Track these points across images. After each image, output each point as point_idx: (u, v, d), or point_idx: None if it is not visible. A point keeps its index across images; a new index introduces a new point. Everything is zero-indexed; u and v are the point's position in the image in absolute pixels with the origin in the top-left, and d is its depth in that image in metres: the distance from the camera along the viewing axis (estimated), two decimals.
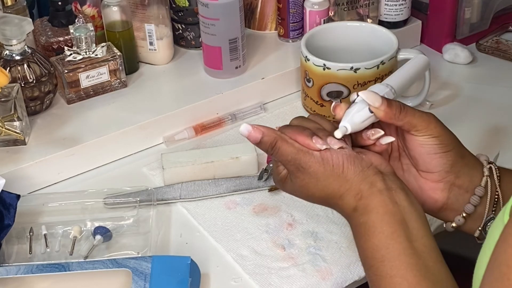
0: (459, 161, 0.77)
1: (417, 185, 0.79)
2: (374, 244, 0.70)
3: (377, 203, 0.70)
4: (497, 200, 0.77)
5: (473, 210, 0.77)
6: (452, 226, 0.79)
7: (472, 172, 0.77)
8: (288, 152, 0.73)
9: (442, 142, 0.76)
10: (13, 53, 1.02)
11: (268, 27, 1.26)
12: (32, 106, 1.05)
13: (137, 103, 1.09)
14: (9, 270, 0.79)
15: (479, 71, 1.22)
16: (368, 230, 0.70)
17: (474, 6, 1.23)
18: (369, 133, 0.76)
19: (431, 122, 0.75)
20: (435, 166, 0.77)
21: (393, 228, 0.69)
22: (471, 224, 0.78)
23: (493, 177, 0.77)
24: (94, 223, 0.92)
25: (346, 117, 0.75)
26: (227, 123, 1.11)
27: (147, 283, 0.77)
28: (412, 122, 0.75)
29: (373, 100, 0.74)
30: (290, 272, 0.86)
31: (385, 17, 1.23)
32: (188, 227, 0.93)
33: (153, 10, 1.13)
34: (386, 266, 0.68)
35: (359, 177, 0.72)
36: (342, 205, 0.73)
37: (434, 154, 0.76)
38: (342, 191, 0.72)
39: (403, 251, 0.68)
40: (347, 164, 0.72)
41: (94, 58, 1.07)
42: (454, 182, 0.77)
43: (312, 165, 0.73)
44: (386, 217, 0.70)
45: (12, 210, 0.88)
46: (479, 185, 0.77)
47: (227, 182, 0.99)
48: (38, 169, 0.98)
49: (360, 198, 0.71)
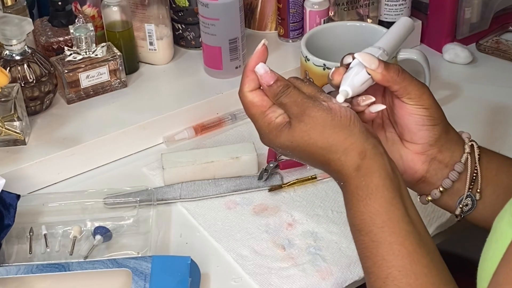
0: (444, 136, 0.77)
1: (398, 154, 0.78)
2: (374, 208, 0.68)
3: (380, 166, 0.69)
4: (475, 177, 0.77)
5: (450, 185, 0.78)
6: (427, 199, 0.80)
7: (454, 148, 0.78)
8: (299, 94, 0.71)
9: (431, 115, 0.76)
10: (13, 53, 1.02)
11: (268, 27, 1.26)
12: (32, 106, 1.05)
13: (137, 103, 1.09)
14: (9, 270, 0.79)
15: (479, 71, 1.22)
16: (370, 193, 0.69)
17: (474, 6, 1.23)
18: (359, 99, 0.74)
19: (424, 92, 0.75)
20: (421, 137, 0.77)
21: (393, 194, 0.69)
22: (446, 199, 0.79)
23: (473, 155, 0.78)
24: (94, 223, 0.92)
25: (345, 81, 0.73)
26: (227, 123, 1.11)
27: (147, 283, 0.77)
28: (408, 88, 0.74)
29: (369, 61, 0.73)
30: (290, 272, 0.86)
31: (385, 17, 1.23)
32: (188, 227, 0.93)
33: (153, 10, 1.13)
34: (386, 232, 0.67)
35: (363, 135, 0.70)
36: (345, 162, 0.70)
37: (422, 125, 0.76)
38: (347, 144, 0.70)
39: (402, 218, 0.68)
40: (354, 119, 0.71)
41: (94, 58, 1.07)
42: (436, 156, 0.77)
43: (321, 112, 0.70)
44: (388, 181, 0.69)
45: (12, 210, 0.88)
46: (459, 161, 0.77)
47: (227, 182, 0.99)
48: (38, 169, 0.98)
49: (364, 157, 0.69)
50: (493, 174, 0.78)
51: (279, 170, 1.01)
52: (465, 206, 0.78)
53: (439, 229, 0.92)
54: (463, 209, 0.79)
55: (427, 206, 0.94)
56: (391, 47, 0.80)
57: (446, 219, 0.93)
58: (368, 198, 0.69)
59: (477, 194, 0.78)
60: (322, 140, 0.70)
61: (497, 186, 0.78)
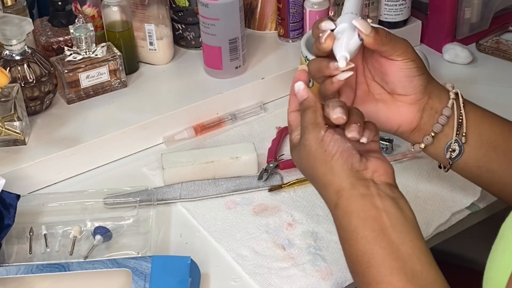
0: (430, 83, 0.82)
1: (394, 109, 0.82)
2: (357, 249, 0.70)
3: (357, 206, 0.71)
4: (461, 121, 0.82)
5: (440, 129, 0.82)
6: (420, 147, 0.84)
7: (441, 94, 0.83)
8: (307, 119, 0.75)
9: (417, 65, 0.80)
10: (13, 53, 1.02)
11: (268, 27, 1.26)
12: (32, 106, 1.05)
13: (137, 103, 1.09)
14: (9, 270, 0.79)
15: (479, 71, 1.22)
16: (350, 235, 0.70)
17: (474, 6, 1.23)
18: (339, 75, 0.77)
19: (408, 46, 0.80)
20: (413, 88, 0.81)
21: (376, 233, 0.69)
22: (436, 145, 0.83)
23: (458, 101, 0.82)
24: (94, 223, 0.92)
25: (341, 47, 0.76)
26: (227, 123, 1.11)
27: (147, 283, 0.77)
28: (395, 46, 0.79)
29: (365, 27, 0.76)
30: (290, 272, 0.86)
31: (385, 17, 1.23)
32: (188, 227, 0.93)
33: (153, 10, 1.13)
34: (372, 272, 0.68)
35: (344, 174, 0.72)
36: (326, 196, 0.74)
37: (412, 76, 0.80)
38: (325, 180, 0.73)
39: (388, 256, 0.68)
40: (338, 156, 0.72)
41: (94, 58, 1.07)
42: (427, 102, 0.82)
43: (310, 141, 0.73)
44: (368, 222, 0.70)
45: (12, 210, 0.88)
46: (446, 106, 0.82)
47: (227, 182, 0.99)
48: (38, 169, 0.98)
49: (340, 196, 0.71)
50: (476, 123, 0.82)
51: (279, 170, 1.01)
52: (452, 151, 0.83)
53: (439, 229, 0.92)
54: (451, 154, 0.83)
55: (428, 206, 0.94)
56: (360, 10, 0.82)
57: (446, 219, 0.93)
58: (350, 239, 0.71)
59: (463, 138, 0.82)
60: (309, 168, 0.75)
61: (480, 135, 0.82)
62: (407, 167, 1.00)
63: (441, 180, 0.97)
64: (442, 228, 0.93)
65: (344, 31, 0.77)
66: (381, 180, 0.72)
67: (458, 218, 0.94)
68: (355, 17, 0.79)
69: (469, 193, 0.95)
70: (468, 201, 0.95)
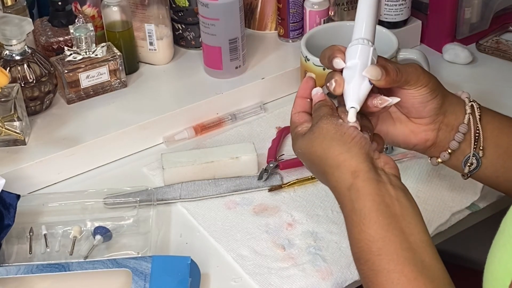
0: (445, 101, 0.81)
1: (409, 130, 0.82)
2: (369, 235, 0.68)
3: (373, 190, 0.69)
4: (477, 137, 0.81)
5: (457, 146, 0.82)
6: (437, 162, 0.84)
7: (456, 110, 0.82)
8: (325, 110, 0.75)
9: (431, 89, 0.79)
10: (13, 53, 1.02)
11: (268, 27, 1.26)
12: (32, 106, 1.05)
13: (137, 103, 1.09)
14: (9, 270, 0.79)
15: (479, 71, 1.22)
16: (363, 219, 0.68)
17: (474, 6, 1.23)
18: (375, 102, 0.75)
19: (420, 73, 0.79)
20: (428, 111, 0.80)
21: (389, 219, 0.68)
22: (454, 159, 0.83)
23: (474, 115, 0.81)
24: (94, 223, 0.92)
25: (349, 96, 0.74)
26: (227, 123, 1.11)
27: (147, 283, 0.77)
28: (407, 79, 0.77)
29: (376, 74, 0.74)
30: (290, 272, 0.86)
31: (385, 17, 1.23)
32: (188, 227, 0.93)
33: (153, 10, 1.13)
34: (383, 260, 0.67)
35: (362, 156, 0.71)
36: (339, 178, 0.71)
37: (427, 102, 0.80)
38: (341, 159, 0.71)
39: (400, 244, 0.67)
40: (357, 139, 0.71)
41: (94, 58, 1.07)
42: (443, 121, 0.81)
43: (328, 125, 0.73)
44: (382, 206, 0.68)
45: (12, 210, 0.88)
46: (463, 122, 0.81)
47: (227, 182, 0.99)
48: (38, 169, 0.98)
49: (357, 176, 0.70)
50: (494, 134, 0.81)
51: (279, 170, 1.01)
52: (471, 165, 0.82)
53: (439, 229, 0.92)
54: (470, 167, 0.83)
55: (428, 206, 0.94)
56: (373, 33, 0.79)
57: (446, 219, 0.93)
58: (362, 224, 0.69)
59: (480, 152, 0.82)
60: (321, 150, 0.72)
61: (498, 146, 0.81)
62: (407, 167, 1.00)
63: (441, 180, 0.97)
64: (442, 228, 0.93)
65: (354, 69, 0.75)
66: (391, 172, 0.72)
67: (458, 218, 0.94)
68: (368, 49, 0.76)
69: (469, 193, 0.95)
70: (468, 201, 0.95)
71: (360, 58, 0.75)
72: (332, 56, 0.76)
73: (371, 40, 0.77)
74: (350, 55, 0.76)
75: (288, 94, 1.16)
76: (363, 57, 0.75)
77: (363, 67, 0.74)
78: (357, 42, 0.76)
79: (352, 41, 0.77)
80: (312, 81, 0.79)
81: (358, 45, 0.76)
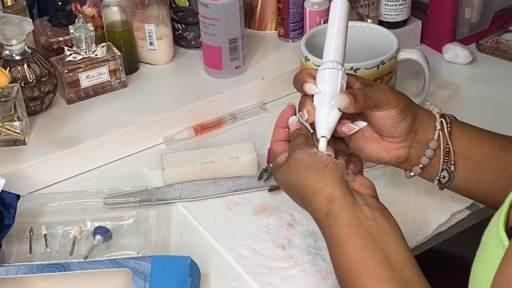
0: (416, 119, 0.82)
1: (381, 148, 0.83)
2: (349, 257, 0.70)
3: (349, 213, 0.71)
4: (448, 152, 0.82)
5: (428, 162, 0.83)
6: (411, 175, 0.85)
7: (427, 127, 0.83)
8: (299, 141, 0.76)
9: (400, 110, 0.80)
10: (13, 53, 1.02)
11: (268, 27, 1.26)
12: (32, 106, 1.05)
13: (137, 103, 1.09)
14: (9, 270, 0.79)
15: (479, 71, 1.22)
16: (342, 242, 0.70)
17: (474, 6, 1.23)
18: (344, 130, 0.77)
19: (389, 95, 0.79)
20: (399, 132, 0.81)
21: (367, 240, 0.70)
22: (426, 173, 0.85)
23: (443, 131, 0.82)
24: (94, 223, 0.92)
25: (320, 125, 0.75)
26: (227, 123, 1.11)
27: (147, 283, 0.77)
28: (376, 102, 0.78)
29: (344, 104, 0.75)
30: (290, 272, 0.86)
31: (385, 17, 1.23)
32: (188, 227, 0.93)
33: (153, 10, 1.14)
34: (364, 281, 0.68)
35: (336, 182, 0.73)
36: (316, 205, 0.73)
37: (397, 122, 0.81)
38: (316, 188, 0.73)
39: (379, 263, 0.68)
40: (331, 166, 0.73)
41: (94, 58, 1.07)
42: (414, 138, 0.82)
43: (302, 154, 0.74)
44: (359, 229, 0.70)
45: (12, 210, 0.88)
46: (433, 138, 0.82)
47: (227, 182, 0.99)
48: (38, 169, 0.99)
49: (332, 202, 0.72)
50: (464, 148, 0.82)
51: None
52: (442, 178, 0.84)
53: (439, 229, 0.92)
54: (441, 181, 0.84)
55: (428, 206, 0.94)
56: (343, 54, 0.80)
57: (446, 219, 0.93)
58: (341, 247, 0.70)
59: (451, 166, 0.83)
60: (297, 179, 0.74)
61: (468, 160, 0.82)
62: None
63: None
64: (442, 228, 0.93)
65: (324, 96, 0.76)
66: (367, 192, 0.74)
67: (458, 218, 0.94)
68: (338, 73, 0.77)
69: None
70: (468, 201, 0.95)
71: (329, 84, 0.77)
72: (302, 81, 0.78)
73: (341, 62, 0.79)
74: (320, 80, 0.78)
75: (288, 94, 1.16)
76: (332, 83, 0.77)
77: (332, 94, 0.76)
78: (326, 66, 0.78)
79: (322, 63, 0.79)
80: (291, 111, 0.81)
81: (326, 70, 0.78)
